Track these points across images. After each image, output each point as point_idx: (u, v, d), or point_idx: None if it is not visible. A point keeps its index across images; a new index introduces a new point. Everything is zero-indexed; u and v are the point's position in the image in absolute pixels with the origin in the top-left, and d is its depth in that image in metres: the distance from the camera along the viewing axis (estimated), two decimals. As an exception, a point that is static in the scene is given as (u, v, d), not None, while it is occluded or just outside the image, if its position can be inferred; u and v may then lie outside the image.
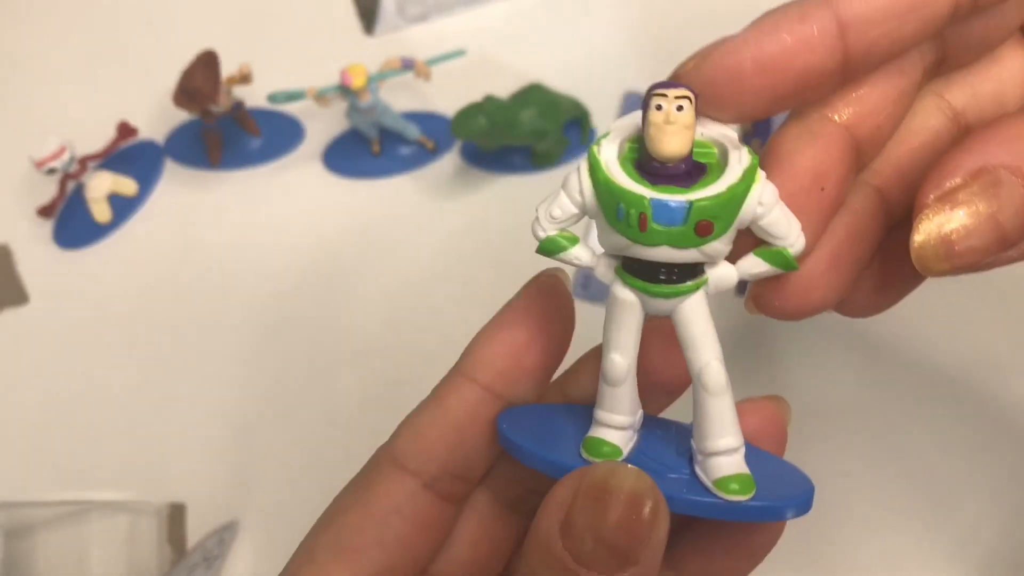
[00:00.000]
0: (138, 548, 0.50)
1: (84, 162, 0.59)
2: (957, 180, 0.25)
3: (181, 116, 0.61)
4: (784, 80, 0.26)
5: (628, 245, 0.25)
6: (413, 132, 0.59)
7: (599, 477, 0.25)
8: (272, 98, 0.57)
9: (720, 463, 0.27)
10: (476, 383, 0.30)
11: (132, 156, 0.62)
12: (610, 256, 0.27)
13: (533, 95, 0.57)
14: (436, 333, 0.54)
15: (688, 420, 0.28)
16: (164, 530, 0.50)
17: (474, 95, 0.55)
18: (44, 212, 0.60)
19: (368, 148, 0.60)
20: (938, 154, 0.29)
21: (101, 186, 0.59)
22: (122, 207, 0.60)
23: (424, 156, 0.60)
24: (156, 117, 0.63)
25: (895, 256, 0.30)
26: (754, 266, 0.27)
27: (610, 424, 0.28)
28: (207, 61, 0.57)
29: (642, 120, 0.25)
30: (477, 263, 0.57)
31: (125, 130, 0.61)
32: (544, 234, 0.27)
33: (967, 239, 0.25)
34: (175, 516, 0.51)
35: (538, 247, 0.27)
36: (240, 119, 0.60)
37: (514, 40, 0.63)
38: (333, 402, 0.53)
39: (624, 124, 0.27)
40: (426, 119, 0.61)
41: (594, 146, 0.26)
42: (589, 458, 0.28)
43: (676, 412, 0.32)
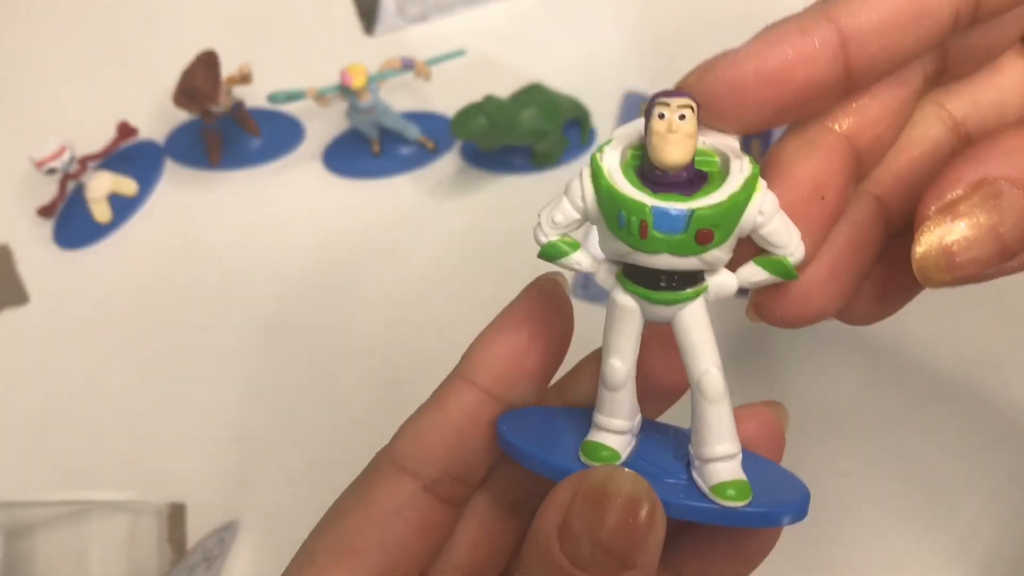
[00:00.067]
0: (138, 548, 0.50)
1: (84, 162, 0.59)
2: (958, 192, 0.25)
3: (181, 116, 0.61)
4: (786, 93, 0.26)
5: (629, 252, 0.25)
6: (413, 132, 0.59)
7: (597, 481, 0.25)
8: (272, 98, 0.57)
9: (717, 469, 0.27)
10: (476, 386, 0.30)
11: (132, 156, 0.62)
12: (611, 262, 0.27)
13: (533, 95, 0.57)
14: (436, 333, 0.54)
15: (686, 424, 0.28)
16: (164, 530, 0.50)
17: (474, 95, 0.54)
18: (44, 212, 0.60)
19: (368, 148, 0.60)
20: (938, 163, 0.29)
21: (101, 186, 0.59)
22: (122, 207, 0.60)
23: (424, 156, 0.60)
24: (156, 117, 0.63)
25: (895, 265, 0.30)
26: (754, 274, 0.27)
27: (609, 428, 0.28)
28: (207, 61, 0.57)
29: (644, 128, 0.25)
30: (477, 263, 0.57)
31: (125, 130, 0.61)
32: (546, 239, 0.27)
33: (968, 250, 0.25)
34: (175, 516, 0.51)
35: (540, 252, 0.27)
36: (240, 119, 0.60)
37: (514, 40, 0.63)
38: (333, 402, 0.53)
39: (626, 132, 0.27)
40: (426, 119, 0.61)
41: (596, 153, 0.26)
42: (588, 462, 0.28)
43: (674, 416, 0.32)
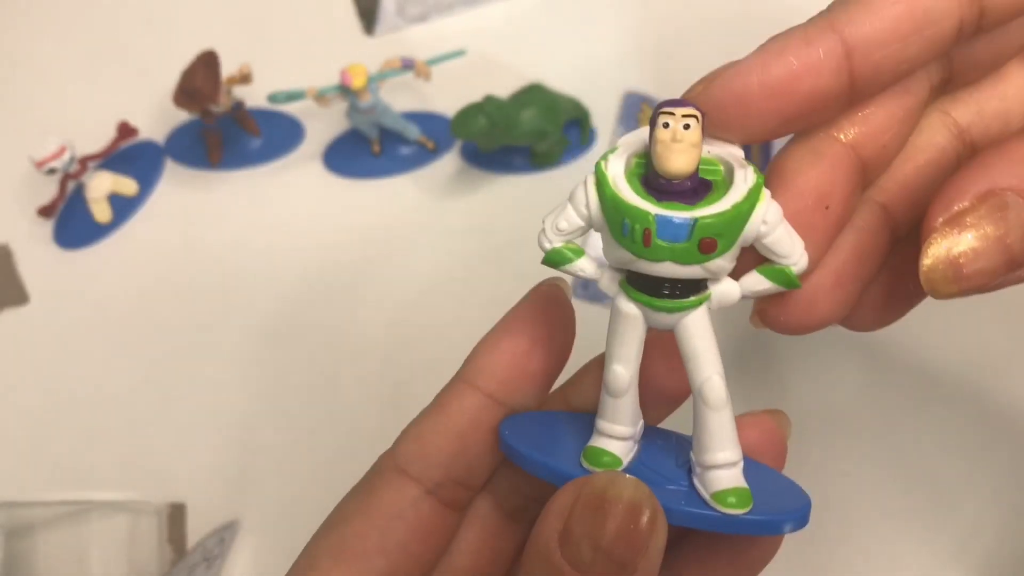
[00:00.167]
0: (138, 548, 0.50)
1: (84, 162, 0.59)
2: (965, 203, 0.25)
3: (181, 116, 0.61)
4: (791, 103, 0.26)
5: (632, 260, 0.25)
6: (413, 132, 0.59)
7: (598, 487, 0.25)
8: (272, 98, 0.57)
9: (718, 476, 0.27)
10: (478, 390, 0.30)
11: (132, 156, 0.62)
12: (614, 269, 0.27)
13: (533, 95, 0.57)
14: (436, 333, 0.54)
15: (688, 431, 0.28)
16: (164, 530, 0.50)
17: (474, 95, 0.54)
18: (44, 212, 0.59)
19: (368, 148, 0.60)
20: (943, 171, 0.29)
21: (101, 186, 0.59)
22: (122, 207, 0.60)
23: (424, 156, 0.60)
24: (156, 117, 0.63)
25: (900, 272, 0.30)
26: (757, 283, 0.27)
27: (611, 434, 0.28)
28: (207, 61, 0.57)
29: (649, 137, 0.25)
30: (477, 263, 0.57)
31: (125, 130, 0.61)
32: (550, 245, 0.27)
33: (975, 262, 0.25)
34: (175, 516, 0.51)
35: (544, 258, 0.27)
36: (240, 119, 0.60)
37: (514, 40, 0.63)
38: (333, 401, 0.53)
39: (631, 140, 0.27)
40: (426, 119, 0.61)
41: (601, 161, 0.26)
42: (589, 467, 0.28)
43: (676, 423, 0.32)
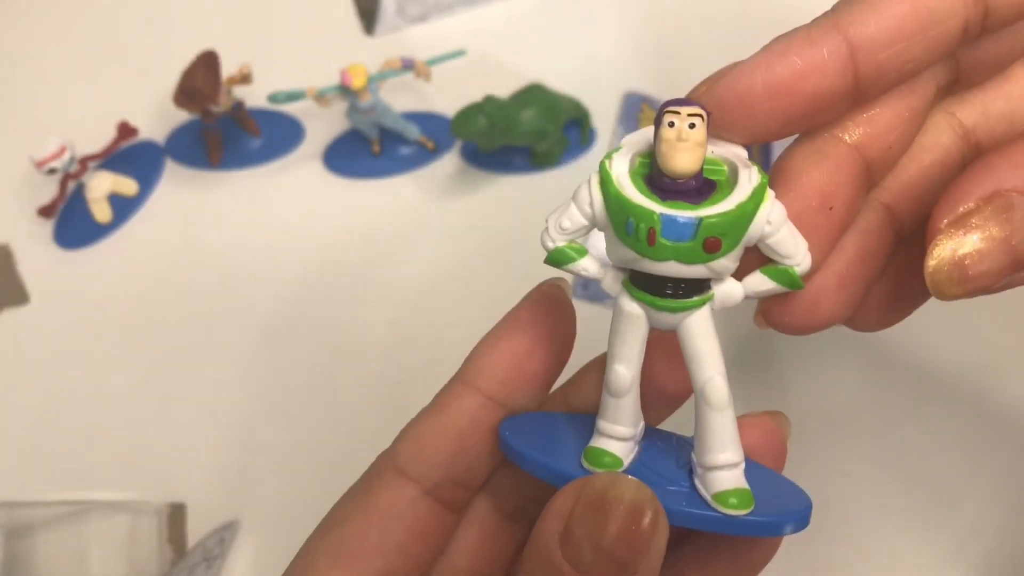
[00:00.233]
0: (138, 548, 0.50)
1: (84, 162, 0.59)
2: (970, 205, 0.25)
3: (181, 116, 0.61)
4: (795, 103, 0.26)
5: (636, 259, 0.25)
6: (413, 132, 0.59)
7: (599, 488, 0.25)
8: (272, 98, 0.57)
9: (720, 477, 0.27)
10: (478, 391, 0.30)
11: (132, 156, 0.62)
12: (617, 269, 0.27)
13: (533, 95, 0.57)
14: (436, 333, 0.54)
15: (688, 432, 0.28)
16: (164, 530, 0.50)
17: (474, 95, 0.54)
18: (44, 212, 0.59)
19: (368, 148, 0.60)
20: (948, 172, 0.29)
21: (101, 186, 0.59)
22: (122, 207, 0.60)
23: (424, 156, 0.60)
24: (156, 117, 0.63)
25: (904, 272, 0.30)
26: (760, 284, 0.27)
27: (612, 435, 0.28)
28: (207, 61, 0.57)
29: (654, 136, 0.25)
30: (477, 263, 0.57)
31: (125, 130, 0.61)
32: (553, 244, 0.27)
33: (980, 263, 0.25)
34: (175, 516, 0.51)
35: (546, 257, 0.27)
36: (240, 119, 0.60)
37: (514, 40, 0.63)
38: (333, 401, 0.53)
39: (635, 139, 0.27)
40: (426, 119, 0.61)
41: (605, 160, 0.26)
42: (590, 468, 0.28)
43: (677, 424, 0.32)
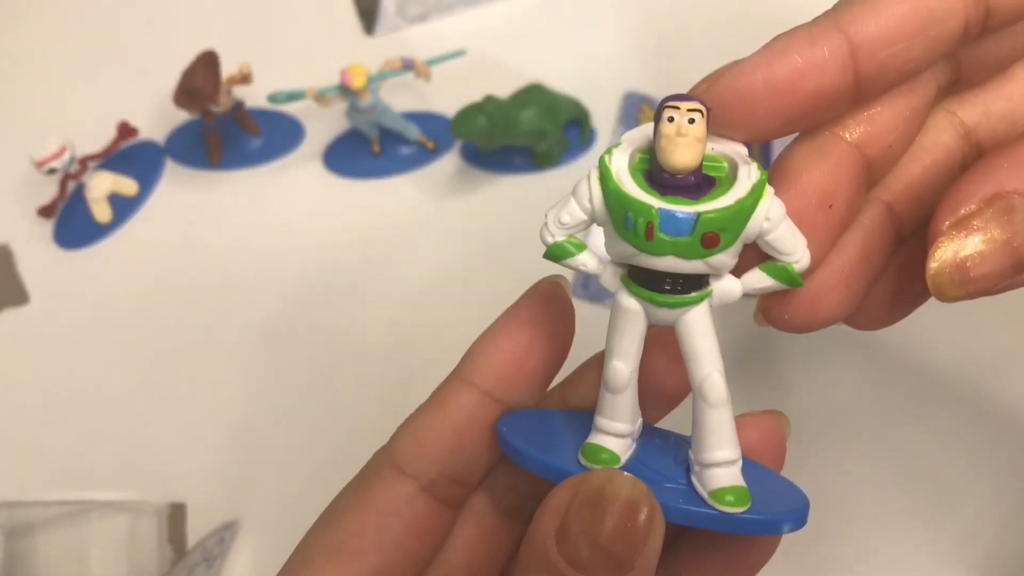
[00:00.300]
0: (138, 548, 0.50)
1: (84, 162, 0.59)
2: (971, 207, 0.25)
3: (181, 116, 0.61)
4: (795, 102, 0.26)
5: (635, 254, 0.25)
6: (413, 132, 0.59)
7: (596, 484, 0.25)
8: (272, 98, 0.57)
9: (717, 474, 0.27)
10: (475, 387, 0.30)
11: (132, 156, 0.62)
12: (616, 264, 0.27)
13: (533, 95, 0.57)
14: (436, 333, 0.54)
15: (686, 431, 0.28)
16: (164, 530, 0.50)
17: (474, 95, 0.54)
18: (44, 212, 0.59)
19: (368, 148, 0.60)
20: (949, 171, 0.29)
21: (101, 186, 0.59)
22: (122, 207, 0.60)
23: (424, 156, 0.60)
24: (156, 117, 0.63)
25: (905, 271, 0.30)
26: (759, 280, 0.27)
27: (609, 431, 0.28)
28: (207, 61, 0.57)
29: (654, 131, 0.25)
30: (477, 263, 0.57)
31: (125, 130, 0.61)
32: (552, 239, 0.27)
33: (982, 265, 0.25)
34: (175, 516, 0.51)
35: (545, 252, 0.27)
36: (240, 119, 0.60)
37: (514, 40, 0.63)
38: (333, 401, 0.53)
39: (635, 136, 0.27)
40: (426, 119, 0.61)
41: (605, 155, 0.26)
42: (587, 464, 0.28)
43: (675, 423, 0.32)
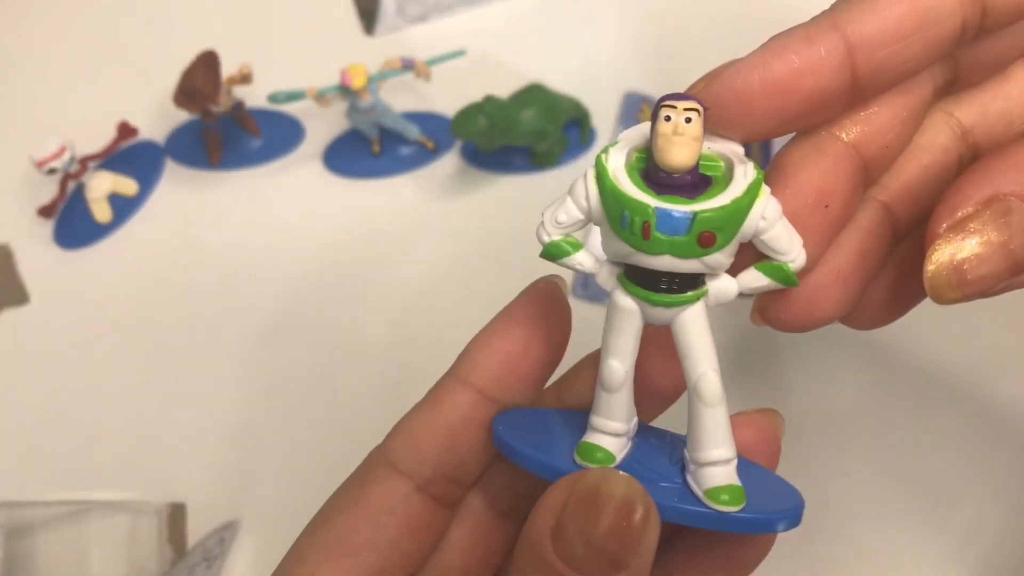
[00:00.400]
0: (138, 548, 0.50)
1: (84, 162, 0.59)
2: (968, 209, 0.25)
3: (181, 116, 0.62)
4: (792, 101, 0.26)
5: (631, 253, 0.25)
6: (413, 132, 0.59)
7: (591, 483, 0.25)
8: (272, 98, 0.57)
9: (712, 473, 0.27)
10: (471, 386, 0.30)
11: (132, 156, 0.62)
12: (612, 263, 0.27)
13: (533, 95, 0.57)
14: (436, 333, 0.54)
15: (682, 431, 0.28)
16: (164, 530, 0.50)
17: (474, 95, 0.54)
18: (44, 212, 0.60)
19: (368, 148, 0.60)
20: (946, 171, 0.29)
21: (101, 186, 0.59)
22: (122, 207, 0.60)
23: (424, 156, 0.60)
24: (156, 117, 0.63)
25: (901, 270, 0.30)
26: (755, 280, 0.27)
27: (605, 430, 0.28)
28: (207, 61, 0.57)
29: (650, 131, 0.25)
30: (477, 263, 0.57)
31: (125, 130, 0.61)
32: (548, 238, 0.27)
33: (979, 268, 0.25)
34: (175, 516, 0.51)
35: (542, 251, 0.27)
36: (240, 119, 0.60)
37: (514, 40, 0.63)
38: (333, 401, 0.53)
39: (632, 135, 0.27)
40: (426, 119, 0.61)
41: (602, 154, 0.26)
42: (582, 463, 0.28)
43: (671, 423, 0.32)
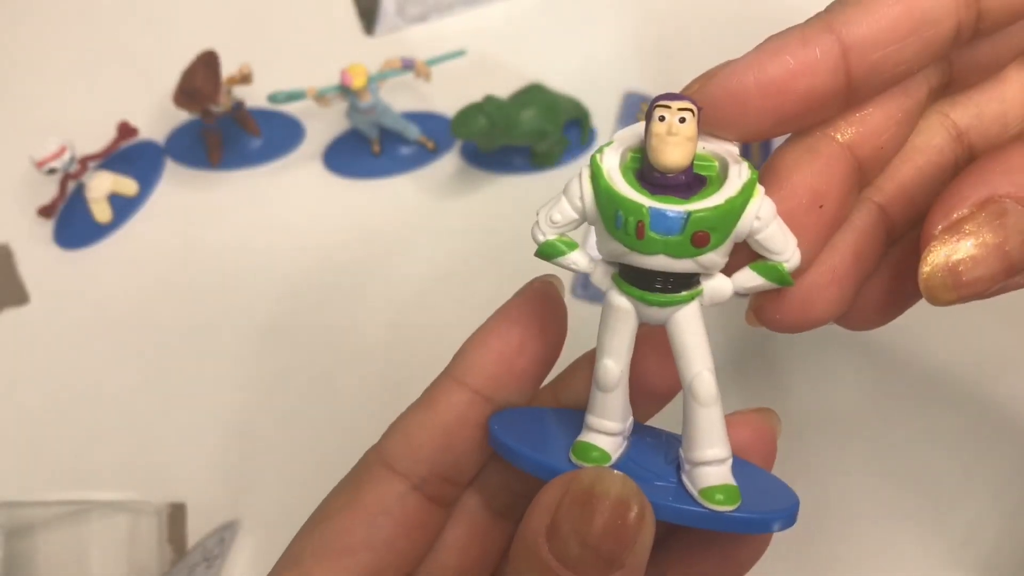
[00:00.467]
0: (138, 548, 0.50)
1: (84, 162, 0.59)
2: (964, 211, 0.25)
3: (181, 116, 0.62)
4: (787, 102, 0.26)
5: (625, 252, 0.25)
6: (413, 132, 0.59)
7: (586, 482, 0.25)
8: (272, 98, 0.57)
9: (707, 473, 0.27)
10: (466, 386, 0.30)
11: (132, 156, 0.62)
12: (607, 263, 0.27)
13: (533, 95, 0.57)
14: (435, 333, 0.54)
15: (677, 430, 0.28)
16: (164, 530, 0.50)
17: (474, 95, 0.54)
18: (44, 212, 0.60)
19: (368, 148, 0.60)
20: (941, 172, 0.29)
21: (101, 186, 0.59)
22: (122, 207, 0.60)
23: (424, 156, 0.60)
24: (156, 117, 0.63)
25: (897, 271, 0.30)
26: (749, 280, 0.27)
27: (600, 430, 0.28)
28: (207, 61, 0.57)
29: (645, 131, 0.25)
30: (477, 263, 0.57)
31: (125, 130, 0.61)
32: (543, 238, 0.27)
33: (974, 269, 0.25)
34: (175, 516, 0.51)
35: (537, 250, 0.27)
36: (240, 119, 0.60)
37: (514, 40, 0.63)
38: (333, 401, 0.53)
39: (627, 135, 0.27)
40: (426, 119, 0.61)
41: (596, 154, 0.26)
42: (578, 462, 0.28)
43: (666, 422, 0.32)
